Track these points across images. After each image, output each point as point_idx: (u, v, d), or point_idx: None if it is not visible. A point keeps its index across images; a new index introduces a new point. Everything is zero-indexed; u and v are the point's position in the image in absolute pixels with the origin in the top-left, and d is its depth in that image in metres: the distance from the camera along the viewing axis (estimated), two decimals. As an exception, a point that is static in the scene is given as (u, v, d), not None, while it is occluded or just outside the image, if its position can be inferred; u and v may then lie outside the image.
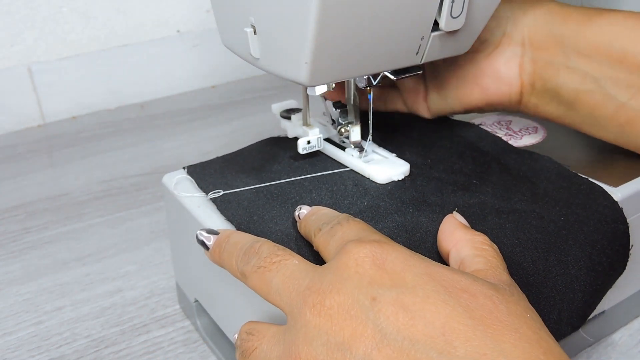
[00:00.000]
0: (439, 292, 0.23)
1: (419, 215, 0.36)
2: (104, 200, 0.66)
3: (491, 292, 0.24)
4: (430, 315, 0.23)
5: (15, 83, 0.84)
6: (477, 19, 0.38)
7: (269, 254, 0.29)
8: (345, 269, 0.25)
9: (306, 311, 0.25)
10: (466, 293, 0.24)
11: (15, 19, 0.82)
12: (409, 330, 0.23)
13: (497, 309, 0.23)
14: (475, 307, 0.23)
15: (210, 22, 0.95)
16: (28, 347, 0.46)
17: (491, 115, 0.50)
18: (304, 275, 0.27)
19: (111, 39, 0.89)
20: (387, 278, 0.25)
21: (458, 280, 0.24)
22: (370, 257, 0.25)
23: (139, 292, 0.51)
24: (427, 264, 0.25)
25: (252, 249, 0.30)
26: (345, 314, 0.24)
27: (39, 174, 0.72)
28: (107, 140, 0.80)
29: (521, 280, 0.34)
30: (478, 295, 0.24)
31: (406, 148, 0.44)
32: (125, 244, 0.58)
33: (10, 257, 0.57)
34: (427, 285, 0.24)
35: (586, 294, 0.35)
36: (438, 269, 0.25)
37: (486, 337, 0.22)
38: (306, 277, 0.27)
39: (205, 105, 0.90)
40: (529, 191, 0.39)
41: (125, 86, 0.91)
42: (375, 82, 0.40)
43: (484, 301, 0.23)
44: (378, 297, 0.24)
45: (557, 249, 0.35)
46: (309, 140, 0.41)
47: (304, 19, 0.31)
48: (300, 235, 0.35)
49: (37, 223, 0.62)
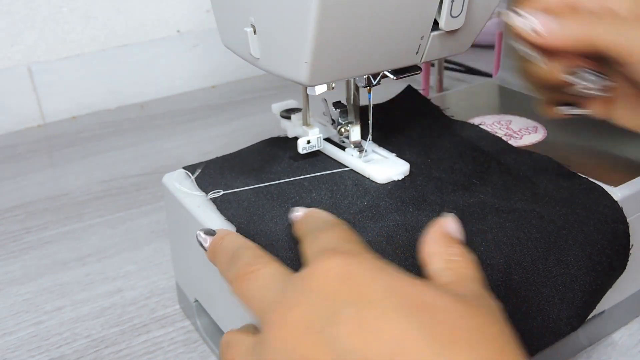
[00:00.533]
0: (399, 308, 0.23)
1: (419, 214, 0.36)
2: (104, 200, 0.66)
3: (457, 305, 0.23)
4: (386, 333, 0.22)
5: (15, 83, 0.84)
6: (476, 18, 0.38)
7: (247, 262, 0.29)
8: (311, 280, 0.25)
9: (270, 327, 0.25)
10: (429, 308, 0.23)
11: (15, 19, 0.82)
12: (363, 349, 0.22)
13: (459, 324, 0.23)
14: (436, 323, 0.22)
15: (210, 22, 0.95)
16: (28, 347, 0.46)
17: (491, 115, 0.50)
18: (275, 286, 0.27)
19: (111, 39, 0.89)
20: (350, 292, 0.24)
21: (423, 294, 0.24)
22: (336, 270, 0.25)
23: (139, 292, 0.51)
24: (394, 278, 0.24)
25: (235, 256, 0.30)
26: (305, 330, 0.23)
27: (39, 174, 0.72)
28: (107, 140, 0.80)
29: (521, 279, 0.34)
30: (441, 310, 0.23)
31: (406, 148, 0.44)
32: (125, 244, 0.58)
33: (10, 257, 0.57)
34: (389, 300, 0.23)
35: (586, 293, 0.35)
36: (405, 283, 0.24)
37: (441, 355, 0.21)
38: (276, 288, 0.27)
39: (205, 105, 0.90)
40: (529, 191, 0.39)
41: (125, 86, 0.91)
42: (375, 81, 0.40)
43: (446, 316, 0.23)
44: (338, 313, 0.23)
45: (557, 248, 0.35)
46: (309, 140, 0.41)
47: (304, 19, 0.31)
48: None
49: (37, 223, 0.62)
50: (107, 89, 0.90)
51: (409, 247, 0.34)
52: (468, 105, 0.53)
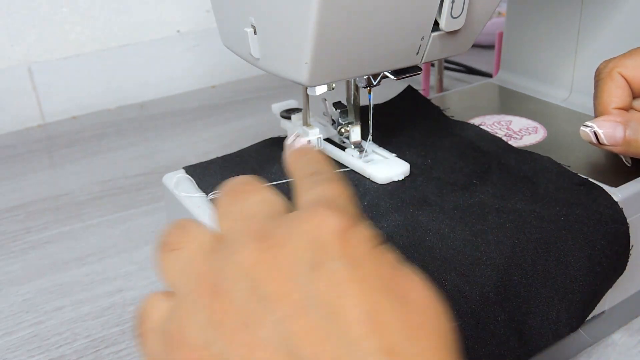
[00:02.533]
0: (378, 284, 0.22)
1: (419, 214, 0.36)
2: (104, 200, 0.66)
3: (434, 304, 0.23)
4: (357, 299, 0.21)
5: (15, 83, 0.84)
6: (477, 19, 0.38)
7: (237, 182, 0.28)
8: (304, 224, 0.23)
9: (248, 246, 0.23)
10: (402, 293, 0.22)
11: (15, 19, 0.82)
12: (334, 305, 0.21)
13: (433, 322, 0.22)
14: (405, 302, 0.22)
15: (210, 22, 0.95)
16: (28, 347, 0.46)
17: (491, 116, 0.50)
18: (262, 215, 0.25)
19: (111, 39, 0.89)
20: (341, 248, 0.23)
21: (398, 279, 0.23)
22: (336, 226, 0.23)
23: (139, 292, 0.51)
24: (387, 259, 0.24)
25: None
26: (282, 268, 0.22)
27: (39, 174, 0.72)
28: (107, 140, 0.80)
29: (521, 280, 0.34)
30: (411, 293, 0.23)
31: (406, 148, 0.44)
32: (125, 244, 0.58)
33: (10, 257, 0.57)
34: (371, 269, 0.22)
35: (585, 294, 0.35)
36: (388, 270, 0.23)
37: (409, 338, 0.21)
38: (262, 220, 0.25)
39: (205, 105, 0.90)
40: (529, 191, 0.39)
41: (125, 86, 0.91)
42: (376, 82, 0.40)
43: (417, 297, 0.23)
44: (321, 265, 0.22)
45: (557, 249, 0.35)
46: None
47: (304, 19, 0.31)
48: None
49: (37, 223, 0.62)
50: (107, 89, 0.90)
51: (409, 247, 0.34)
52: (468, 105, 0.53)
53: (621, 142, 0.40)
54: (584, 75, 0.53)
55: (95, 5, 0.86)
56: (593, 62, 0.51)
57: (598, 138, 0.40)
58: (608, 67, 0.42)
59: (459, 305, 0.31)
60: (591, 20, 0.51)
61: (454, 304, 0.31)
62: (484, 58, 0.92)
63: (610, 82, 0.41)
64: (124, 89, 0.91)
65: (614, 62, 0.42)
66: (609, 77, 0.42)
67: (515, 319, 0.33)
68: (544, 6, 0.54)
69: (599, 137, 0.40)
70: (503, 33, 0.59)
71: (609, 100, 0.41)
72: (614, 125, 0.40)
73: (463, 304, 0.31)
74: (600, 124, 0.40)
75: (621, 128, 0.40)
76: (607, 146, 0.40)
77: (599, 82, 0.42)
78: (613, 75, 0.41)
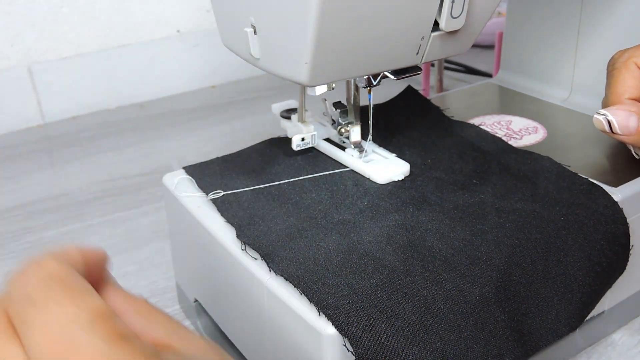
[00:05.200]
0: None
1: (419, 214, 0.36)
2: (104, 200, 0.66)
3: None
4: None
5: (15, 83, 0.84)
6: (477, 19, 0.38)
7: None
8: None
9: None
10: None
11: (15, 19, 0.82)
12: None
13: None
14: None
15: (210, 22, 0.95)
16: (28, 347, 0.46)
17: (491, 115, 0.50)
18: None
19: (111, 39, 0.89)
20: None
21: None
22: None
23: (139, 292, 0.51)
24: None
25: None
26: None
27: (39, 174, 0.72)
28: (107, 140, 0.80)
29: (521, 279, 0.34)
30: None
31: (406, 148, 0.44)
32: (125, 244, 0.58)
33: (10, 257, 0.57)
34: None
35: (585, 294, 0.35)
36: None
37: None
38: None
39: (205, 105, 0.90)
40: (529, 191, 0.39)
41: (125, 86, 0.91)
42: (376, 82, 0.40)
43: None
44: None
45: (556, 249, 0.35)
46: (303, 137, 0.41)
47: (304, 19, 0.31)
48: (301, 236, 0.35)
49: (37, 223, 0.62)
50: (107, 89, 0.90)
51: (409, 247, 0.34)
52: (468, 105, 0.53)
53: (634, 132, 0.39)
54: (584, 75, 0.53)
55: (95, 5, 0.86)
56: (593, 62, 0.51)
57: (611, 127, 0.39)
58: (624, 57, 0.41)
59: (459, 305, 0.31)
60: (591, 20, 0.51)
61: (454, 304, 0.31)
62: (484, 58, 0.93)
63: (625, 71, 0.41)
64: (124, 89, 0.91)
65: (630, 52, 0.41)
66: (624, 66, 0.41)
67: (515, 318, 0.33)
68: (544, 6, 0.55)
69: (612, 125, 0.39)
70: (503, 33, 0.59)
71: (623, 90, 0.40)
72: (628, 114, 0.39)
73: (463, 304, 0.31)
74: (614, 112, 0.39)
75: (635, 118, 0.39)
76: (620, 135, 0.39)
77: (613, 71, 0.41)
78: (629, 65, 0.41)
